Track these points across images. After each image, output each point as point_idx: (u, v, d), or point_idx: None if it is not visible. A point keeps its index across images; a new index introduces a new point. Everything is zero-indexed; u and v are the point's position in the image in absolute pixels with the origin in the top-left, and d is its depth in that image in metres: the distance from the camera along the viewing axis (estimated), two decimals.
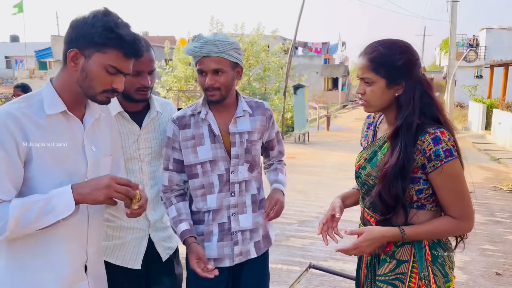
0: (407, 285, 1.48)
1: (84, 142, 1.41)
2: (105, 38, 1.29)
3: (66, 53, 1.33)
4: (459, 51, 24.03)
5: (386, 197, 1.46)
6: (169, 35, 30.28)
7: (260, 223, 1.88)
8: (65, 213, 1.27)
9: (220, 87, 1.71)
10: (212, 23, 14.57)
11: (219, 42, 1.67)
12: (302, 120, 12.30)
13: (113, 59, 1.31)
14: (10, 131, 1.23)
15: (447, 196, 1.46)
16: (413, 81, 1.48)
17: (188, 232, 1.74)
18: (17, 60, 36.64)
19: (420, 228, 1.48)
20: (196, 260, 1.68)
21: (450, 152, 1.42)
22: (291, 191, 6.71)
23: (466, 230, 1.52)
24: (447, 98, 16.05)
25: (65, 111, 1.35)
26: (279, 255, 4.10)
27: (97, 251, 1.51)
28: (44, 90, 1.36)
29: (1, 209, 1.22)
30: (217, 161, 1.79)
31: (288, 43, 15.31)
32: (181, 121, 1.80)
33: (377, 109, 1.55)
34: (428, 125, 1.45)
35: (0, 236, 1.23)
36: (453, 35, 16.37)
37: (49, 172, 1.31)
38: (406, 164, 1.43)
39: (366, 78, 1.49)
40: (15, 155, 1.24)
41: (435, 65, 41.10)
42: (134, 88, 1.71)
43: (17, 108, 1.28)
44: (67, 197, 1.26)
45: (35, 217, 1.23)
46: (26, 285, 1.33)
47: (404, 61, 1.46)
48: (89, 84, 1.33)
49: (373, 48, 1.49)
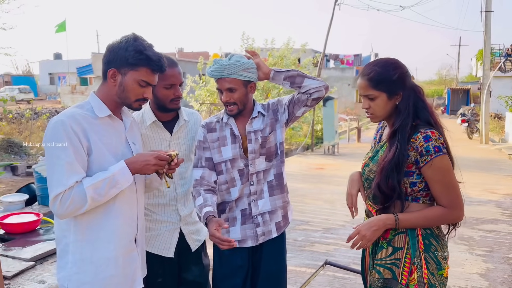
0: (401, 269, 1.69)
1: (127, 138, 1.76)
2: (137, 60, 1.65)
3: (105, 72, 1.69)
4: (496, 61, 23.43)
5: (384, 188, 1.69)
6: (203, 51, 31.10)
7: (278, 205, 2.14)
8: (126, 184, 1.64)
9: (236, 102, 2.03)
10: (243, 39, 14.99)
11: (230, 65, 1.97)
12: (331, 132, 12.42)
13: (143, 75, 1.67)
14: (74, 130, 1.58)
15: (438, 187, 1.67)
16: (408, 90, 1.74)
17: (211, 213, 1.91)
18: (60, 76, 38.58)
19: (412, 214, 1.68)
20: (216, 227, 1.82)
21: (439, 148, 1.64)
22: (318, 200, 6.89)
23: (456, 219, 1.71)
24: (482, 109, 15.71)
25: (110, 115, 1.71)
26: (303, 259, 4.29)
27: (142, 227, 1.84)
28: (91, 99, 1.72)
29: (79, 189, 1.56)
30: (236, 158, 2.09)
31: (318, 56, 15.49)
32: (208, 126, 2.14)
33: (382, 118, 1.82)
34: (421, 126, 1.69)
35: (83, 209, 1.58)
36: (487, 45, 16.06)
37: (106, 160, 1.64)
38: (401, 159, 1.66)
39: (369, 95, 1.76)
40: (80, 147, 1.59)
41: (472, 76, 40.04)
42: (169, 99, 2.04)
43: (77, 112, 1.64)
44: (126, 172, 1.63)
45: (105, 191, 1.59)
46: (92, 253, 1.65)
47: (398, 75, 1.73)
48: (126, 96, 1.69)
49: (370, 69, 1.76)
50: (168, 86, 2.00)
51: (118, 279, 1.69)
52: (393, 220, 1.68)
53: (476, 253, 4.50)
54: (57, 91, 35.00)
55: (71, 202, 1.54)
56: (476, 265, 4.20)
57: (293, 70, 2.06)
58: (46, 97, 35.50)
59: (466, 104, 25.18)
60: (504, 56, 25.31)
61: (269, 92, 13.78)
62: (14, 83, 35.43)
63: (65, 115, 1.61)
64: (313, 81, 2.04)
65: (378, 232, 1.69)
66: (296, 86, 2.05)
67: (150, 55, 1.66)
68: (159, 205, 2.12)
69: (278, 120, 2.13)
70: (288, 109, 2.12)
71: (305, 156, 12.50)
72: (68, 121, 1.59)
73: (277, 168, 2.14)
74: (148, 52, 1.66)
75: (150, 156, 1.67)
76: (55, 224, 1.73)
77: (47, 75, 41.48)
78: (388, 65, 1.75)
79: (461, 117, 17.12)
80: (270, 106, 2.16)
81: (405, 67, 1.77)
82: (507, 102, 17.91)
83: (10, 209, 4.70)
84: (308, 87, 2.03)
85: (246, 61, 2.03)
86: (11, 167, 9.43)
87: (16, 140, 11.78)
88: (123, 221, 1.70)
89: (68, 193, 1.54)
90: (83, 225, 1.65)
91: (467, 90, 31.12)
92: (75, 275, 1.65)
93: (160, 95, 2.02)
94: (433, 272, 1.67)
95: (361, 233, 1.70)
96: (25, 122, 15.14)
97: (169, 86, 2.01)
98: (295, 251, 4.53)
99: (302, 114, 2.15)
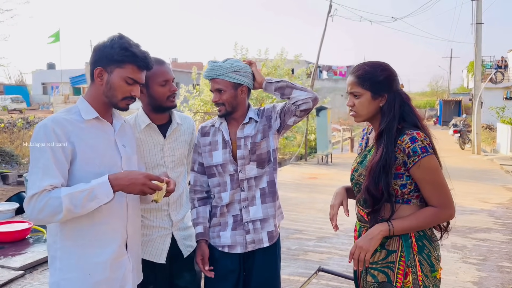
0: (396, 272, 1.68)
1: (116, 141, 1.73)
2: (122, 56, 1.64)
3: (92, 72, 1.68)
4: (487, 72, 23.75)
5: (373, 190, 1.69)
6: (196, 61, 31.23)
7: (270, 214, 2.13)
8: (106, 200, 1.57)
9: (224, 103, 2.04)
10: (236, 49, 15.08)
11: (220, 67, 2.00)
12: (324, 142, 12.46)
13: (130, 72, 1.66)
14: (56, 134, 1.56)
15: (427, 188, 1.68)
16: (393, 93, 1.76)
17: (201, 236, 2.10)
18: (53, 86, 38.46)
19: (405, 219, 1.68)
20: (200, 257, 2.08)
21: (425, 149, 1.65)
22: (311, 209, 6.87)
23: (448, 217, 1.72)
24: (474, 120, 15.87)
25: (98, 117, 1.68)
26: (296, 268, 4.27)
27: (135, 231, 1.80)
28: (79, 102, 1.71)
29: (55, 196, 1.51)
30: (226, 163, 2.08)
31: (311, 67, 15.61)
32: (202, 130, 2.16)
33: (364, 118, 1.82)
34: (407, 128, 1.70)
35: (57, 218, 1.53)
36: (478, 57, 16.29)
37: (91, 164, 1.62)
38: (388, 160, 1.67)
39: (354, 92, 1.78)
40: (59, 152, 1.56)
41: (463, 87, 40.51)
42: (165, 97, 2.04)
43: (62, 116, 1.63)
44: (107, 187, 1.56)
45: (82, 203, 1.53)
46: (79, 259, 1.62)
47: (384, 77, 1.75)
48: (113, 94, 1.67)
49: (359, 67, 1.79)
50: (163, 83, 2.01)
51: (106, 284, 1.66)
52: (387, 227, 1.68)
53: (470, 262, 4.50)
54: (50, 100, 34.83)
55: (44, 207, 1.50)
56: (470, 273, 4.19)
57: (283, 81, 2.06)
58: (39, 106, 35.31)
59: (458, 115, 25.41)
60: (495, 67, 25.69)
61: (262, 102, 13.83)
62: (7, 93, 35.23)
63: (49, 119, 1.60)
64: (302, 92, 2.03)
65: (373, 241, 1.68)
66: (285, 97, 2.05)
67: (136, 52, 1.65)
68: (151, 209, 2.09)
69: (271, 127, 2.12)
70: (280, 117, 2.12)
71: (298, 166, 12.50)
72: (51, 125, 1.57)
73: (270, 176, 2.13)
74: (134, 49, 1.65)
75: (140, 175, 1.60)
76: (47, 231, 1.71)
77: (40, 84, 41.41)
78: (377, 66, 1.77)
79: (453, 128, 17.27)
80: (265, 112, 2.16)
81: (394, 72, 1.79)
82: (498, 113, 18.13)
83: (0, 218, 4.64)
84: (296, 98, 2.02)
85: (238, 64, 2.04)
86: (1, 176, 9.33)
87: (8, 149, 11.68)
88: (111, 227, 1.67)
89: (42, 196, 1.50)
90: (70, 230, 1.62)
91: (458, 102, 31.45)
92: (62, 281, 1.62)
93: (156, 93, 2.02)
94: (427, 274, 1.67)
95: (358, 245, 1.70)
96: (17, 131, 15.03)
97: (164, 83, 2.02)
98: (288, 259, 4.50)
99: (294, 124, 2.13)
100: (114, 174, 1.60)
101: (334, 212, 1.88)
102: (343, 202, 1.90)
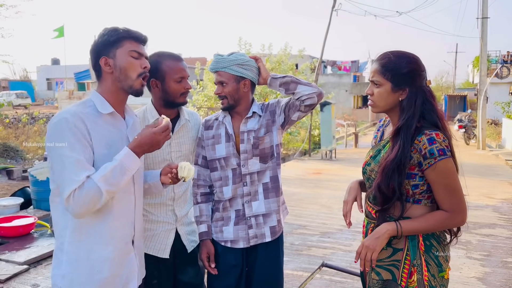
0: (401, 271, 1.65)
1: (128, 137, 1.72)
2: (116, 36, 1.65)
3: (97, 68, 1.67)
4: (492, 67, 23.55)
5: (384, 189, 1.64)
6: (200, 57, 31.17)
7: (273, 209, 2.12)
8: (135, 167, 1.61)
9: (226, 96, 2.05)
10: (240, 44, 15.04)
11: (223, 59, 2.01)
12: (328, 137, 12.43)
13: (130, 46, 1.66)
14: (79, 128, 1.55)
15: (441, 191, 1.62)
16: (416, 89, 1.66)
17: (205, 235, 2.13)
18: (58, 82, 38.54)
19: (414, 221, 1.64)
20: (206, 255, 2.11)
21: (443, 152, 1.58)
22: (315, 204, 6.87)
23: (459, 223, 1.66)
24: (479, 115, 15.77)
25: (113, 112, 1.67)
26: (299, 263, 4.27)
27: (140, 228, 1.81)
28: (93, 96, 1.69)
29: (90, 184, 1.51)
30: (229, 157, 2.08)
31: (315, 62, 15.55)
32: (206, 123, 2.17)
33: (382, 110, 1.75)
34: (426, 128, 1.61)
35: (100, 203, 1.54)
36: (484, 52, 16.16)
37: (106, 161, 1.59)
38: (403, 160, 1.60)
39: (375, 80, 1.71)
40: (86, 144, 1.56)
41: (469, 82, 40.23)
42: (179, 93, 2.05)
43: (80, 110, 1.61)
44: (131, 156, 1.59)
45: (117, 180, 1.55)
46: (88, 254, 1.62)
47: (408, 70, 1.66)
48: (126, 74, 1.66)
49: (385, 55, 1.71)
50: (179, 79, 2.03)
51: (113, 280, 1.66)
52: (395, 227, 1.63)
53: (474, 257, 4.49)
54: (55, 96, 34.94)
55: (85, 198, 1.50)
56: (474, 269, 4.18)
57: (288, 76, 2.05)
58: (43, 102, 35.43)
59: (463, 110, 25.29)
60: (501, 62, 25.45)
61: (266, 97, 13.81)
62: (12, 88, 35.36)
63: (68, 113, 1.58)
64: (306, 87, 2.02)
65: (380, 240, 1.64)
66: (290, 92, 2.04)
67: (128, 29, 1.68)
68: (156, 204, 2.09)
69: (275, 122, 2.11)
70: (284, 112, 2.10)
71: (302, 161, 12.49)
72: (72, 119, 1.55)
73: (273, 171, 2.12)
74: (125, 28, 1.68)
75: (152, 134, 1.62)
76: (54, 220, 1.69)
77: (45, 80, 41.50)
78: (403, 57, 1.68)
79: (458, 123, 17.17)
80: (269, 106, 2.15)
81: (422, 67, 1.69)
82: (503, 108, 18.00)
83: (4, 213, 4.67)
84: (301, 93, 2.00)
85: (242, 57, 2.04)
86: (6, 171, 9.38)
87: (12, 144, 11.74)
88: (120, 223, 1.67)
89: (80, 190, 1.51)
90: (79, 225, 1.62)
91: (464, 97, 31.26)
92: (69, 274, 1.62)
93: (171, 89, 2.02)
94: (434, 274, 1.63)
95: (364, 244, 1.66)
96: (21, 126, 15.10)
97: (179, 80, 2.03)
98: (292, 255, 4.50)
99: (298, 119, 2.12)
100: (130, 143, 1.62)
101: (348, 209, 1.84)
102: (357, 198, 1.85)
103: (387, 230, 1.64)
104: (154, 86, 2.02)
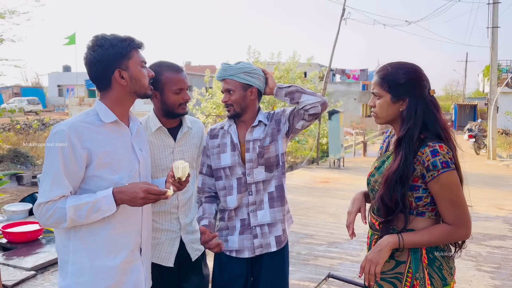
0: (403, 284, 1.63)
1: (133, 145, 1.73)
2: (126, 47, 1.66)
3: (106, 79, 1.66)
4: (503, 76, 23.34)
5: (387, 200, 1.62)
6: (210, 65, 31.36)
7: (278, 218, 2.11)
8: (109, 212, 1.59)
9: (232, 104, 2.06)
10: (249, 52, 15.10)
11: (230, 67, 2.03)
12: (337, 146, 12.39)
13: (138, 56, 1.70)
14: (71, 141, 1.56)
15: (444, 204, 1.60)
16: (416, 99, 1.65)
17: (206, 227, 2.03)
18: (68, 88, 38.98)
19: (417, 234, 1.62)
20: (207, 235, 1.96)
21: (447, 164, 1.56)
22: (322, 213, 6.82)
23: (463, 237, 1.63)
24: (489, 125, 15.62)
25: (117, 120, 1.68)
26: (306, 273, 4.23)
27: (148, 236, 1.81)
28: (97, 105, 1.70)
29: (61, 206, 1.55)
30: (234, 166, 2.08)
31: (323, 70, 15.54)
32: (212, 132, 2.18)
33: (384, 121, 1.75)
34: (430, 140, 1.60)
35: (62, 226, 1.58)
36: (494, 61, 16.04)
37: (109, 170, 1.61)
38: (406, 171, 1.59)
39: (375, 92, 1.73)
40: (72, 161, 1.57)
41: (479, 91, 39.91)
42: (178, 104, 2.05)
43: (79, 120, 1.63)
44: (109, 200, 1.58)
45: (86, 214, 1.56)
46: (92, 263, 1.63)
47: (406, 80, 1.66)
48: (140, 84, 1.70)
49: (383, 67, 1.73)
50: (177, 91, 2.03)
51: None
52: (397, 239, 1.61)
53: (484, 270, 4.41)
54: (65, 102, 35.31)
55: (51, 216, 1.55)
56: (484, 281, 4.11)
57: (293, 86, 2.08)
58: (54, 108, 35.80)
59: (473, 120, 25.03)
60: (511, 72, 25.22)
61: (274, 105, 13.82)
62: (23, 95, 35.82)
63: (66, 125, 1.59)
64: (310, 97, 2.03)
65: (382, 253, 1.62)
66: (295, 102, 2.06)
67: (129, 37, 1.69)
68: (160, 212, 2.10)
69: (280, 131, 2.12)
70: (289, 121, 2.12)
71: (310, 170, 12.44)
72: (67, 132, 1.57)
73: (278, 180, 2.12)
74: (124, 37, 1.69)
75: (140, 189, 1.59)
76: (55, 234, 1.72)
77: (56, 87, 41.97)
78: (400, 68, 1.69)
79: (468, 133, 17.01)
80: (274, 115, 2.16)
81: (422, 76, 1.68)
82: None
83: (13, 218, 4.71)
84: (305, 103, 2.02)
85: (249, 66, 2.06)
86: (16, 176, 9.47)
87: (23, 150, 11.87)
88: (126, 231, 1.68)
89: (49, 206, 1.55)
90: (82, 234, 1.63)
91: (474, 106, 30.98)
92: (75, 285, 1.62)
93: (170, 101, 2.03)
94: (438, 287, 1.61)
95: (367, 258, 1.65)
96: (32, 132, 15.28)
97: (178, 91, 2.04)
98: (298, 264, 4.46)
99: (302, 128, 2.13)
100: (118, 188, 1.61)
101: (351, 220, 1.83)
102: (361, 209, 1.84)
103: (388, 243, 1.62)
104: (154, 96, 2.03)
